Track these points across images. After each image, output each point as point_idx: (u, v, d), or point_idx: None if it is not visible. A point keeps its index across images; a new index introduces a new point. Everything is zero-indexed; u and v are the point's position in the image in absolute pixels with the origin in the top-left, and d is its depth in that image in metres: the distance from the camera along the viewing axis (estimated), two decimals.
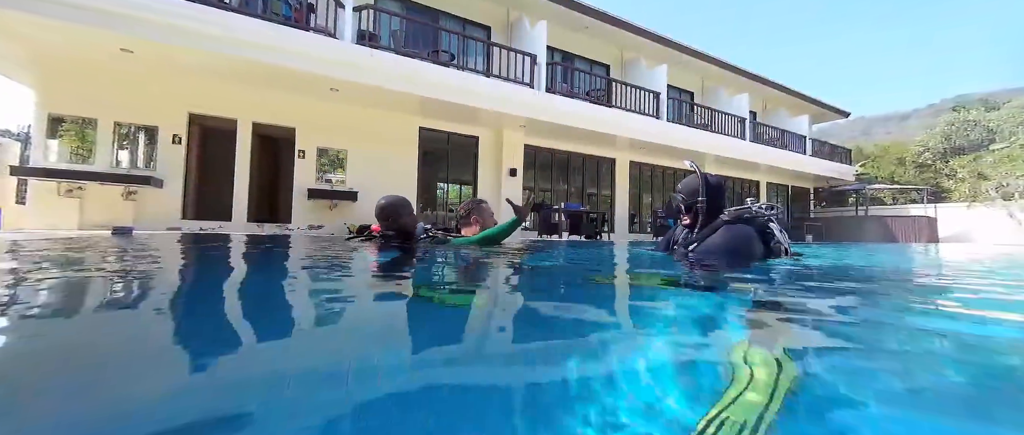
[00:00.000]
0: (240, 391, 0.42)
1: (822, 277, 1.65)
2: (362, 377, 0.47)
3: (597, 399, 0.42)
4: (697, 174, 2.32)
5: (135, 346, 0.60)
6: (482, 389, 0.45)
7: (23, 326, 0.68)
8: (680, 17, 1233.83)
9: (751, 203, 2.33)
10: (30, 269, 1.43)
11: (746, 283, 1.35)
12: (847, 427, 0.37)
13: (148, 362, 0.52)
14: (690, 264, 1.93)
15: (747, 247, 2.11)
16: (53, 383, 0.44)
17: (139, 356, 0.55)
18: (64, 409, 0.37)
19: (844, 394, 0.45)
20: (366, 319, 0.83)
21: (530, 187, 10.36)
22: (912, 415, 0.40)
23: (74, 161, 6.28)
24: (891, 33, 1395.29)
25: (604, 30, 10.60)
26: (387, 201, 2.75)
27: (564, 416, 0.37)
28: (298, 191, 7.59)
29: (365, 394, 0.42)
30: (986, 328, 0.83)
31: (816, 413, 0.40)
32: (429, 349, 0.61)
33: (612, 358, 0.57)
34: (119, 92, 6.45)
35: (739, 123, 12.52)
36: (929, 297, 1.30)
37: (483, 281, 1.42)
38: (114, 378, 0.46)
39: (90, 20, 5.02)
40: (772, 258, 2.15)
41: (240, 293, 1.16)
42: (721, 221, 2.21)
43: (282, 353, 0.57)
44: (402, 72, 6.99)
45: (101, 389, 0.43)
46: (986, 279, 1.90)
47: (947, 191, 19.53)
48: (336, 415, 0.36)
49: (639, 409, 0.39)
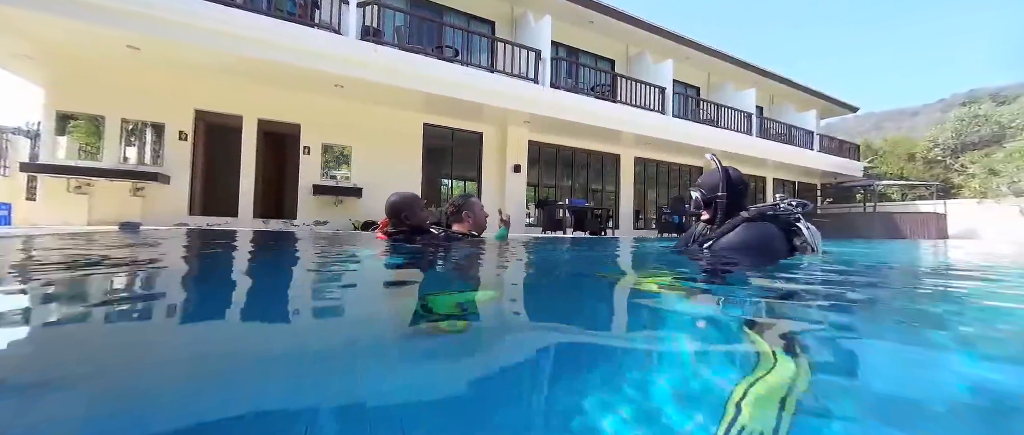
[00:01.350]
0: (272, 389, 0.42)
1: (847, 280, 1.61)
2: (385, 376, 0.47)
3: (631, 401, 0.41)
4: (718, 168, 2.23)
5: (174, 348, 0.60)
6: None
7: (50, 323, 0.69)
8: (686, 10, 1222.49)
9: (780, 199, 2.25)
10: (41, 265, 1.45)
11: (762, 281, 1.33)
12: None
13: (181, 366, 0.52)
14: (705, 263, 1.87)
15: (767, 245, 2.02)
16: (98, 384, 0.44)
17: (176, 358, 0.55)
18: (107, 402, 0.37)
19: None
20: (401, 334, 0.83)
21: (534, 183, 10.34)
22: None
23: (82, 158, 6.35)
24: (901, 27, 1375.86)
25: (609, 25, 10.52)
26: (399, 198, 2.60)
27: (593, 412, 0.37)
28: (303, 187, 7.63)
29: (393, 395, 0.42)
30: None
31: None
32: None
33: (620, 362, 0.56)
34: (126, 89, 6.49)
35: (746, 118, 12.41)
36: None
37: (507, 280, 1.42)
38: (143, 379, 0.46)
39: (97, 18, 5.05)
40: (797, 255, 2.06)
41: (254, 291, 1.16)
42: (741, 218, 2.11)
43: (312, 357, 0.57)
44: (406, 68, 6.98)
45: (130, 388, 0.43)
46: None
47: (957, 187, 19.31)
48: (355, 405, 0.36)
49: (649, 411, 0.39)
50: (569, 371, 0.51)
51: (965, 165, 19.84)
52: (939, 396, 0.44)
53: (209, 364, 0.50)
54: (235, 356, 0.54)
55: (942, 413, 0.40)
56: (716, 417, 0.35)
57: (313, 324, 0.74)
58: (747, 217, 2.11)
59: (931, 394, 0.45)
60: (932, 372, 0.52)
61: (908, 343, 0.67)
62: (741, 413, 0.36)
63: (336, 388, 0.43)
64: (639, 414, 0.37)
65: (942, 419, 0.39)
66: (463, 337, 0.65)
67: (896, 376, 0.51)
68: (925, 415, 0.39)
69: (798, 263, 1.81)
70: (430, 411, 0.38)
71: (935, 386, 0.47)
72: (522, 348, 0.60)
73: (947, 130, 21.97)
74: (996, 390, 0.47)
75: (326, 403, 0.39)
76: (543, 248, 3.03)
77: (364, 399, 0.40)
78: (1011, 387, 0.48)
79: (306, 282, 1.26)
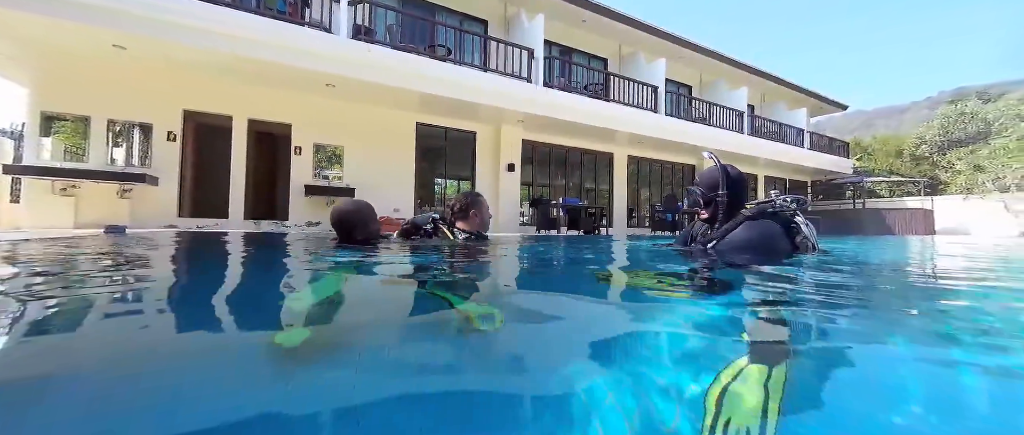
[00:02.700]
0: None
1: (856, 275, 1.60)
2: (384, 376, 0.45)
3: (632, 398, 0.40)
4: (717, 166, 2.19)
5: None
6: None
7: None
8: (681, 8, 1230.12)
9: (775, 195, 2.24)
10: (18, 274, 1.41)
11: (776, 281, 1.33)
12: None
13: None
14: (712, 261, 1.85)
15: (772, 243, 2.00)
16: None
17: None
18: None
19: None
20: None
21: (528, 182, 10.34)
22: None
23: (68, 159, 6.23)
24: (890, 25, 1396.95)
25: (602, 24, 10.53)
26: (347, 212, 2.22)
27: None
28: (295, 188, 7.55)
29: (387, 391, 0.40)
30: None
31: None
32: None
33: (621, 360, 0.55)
34: (113, 89, 6.38)
35: (737, 117, 12.50)
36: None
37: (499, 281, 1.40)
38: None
39: (80, 16, 4.96)
40: (799, 254, 2.04)
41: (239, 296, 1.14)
42: (743, 216, 2.09)
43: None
44: (398, 67, 6.94)
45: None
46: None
47: (944, 183, 19.62)
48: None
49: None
50: (569, 370, 0.49)
51: (952, 162, 20.16)
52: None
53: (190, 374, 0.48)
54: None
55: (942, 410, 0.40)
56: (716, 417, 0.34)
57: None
58: (748, 215, 2.09)
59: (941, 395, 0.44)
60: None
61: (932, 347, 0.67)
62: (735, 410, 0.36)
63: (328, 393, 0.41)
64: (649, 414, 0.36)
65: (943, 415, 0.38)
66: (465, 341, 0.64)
67: (916, 381, 0.50)
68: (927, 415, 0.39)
69: (807, 263, 1.79)
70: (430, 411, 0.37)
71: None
72: (519, 347, 0.58)
73: (934, 127, 22.29)
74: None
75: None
76: (538, 246, 3.02)
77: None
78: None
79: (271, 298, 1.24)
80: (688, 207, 2.34)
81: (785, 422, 0.36)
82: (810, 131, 15.38)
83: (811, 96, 16.05)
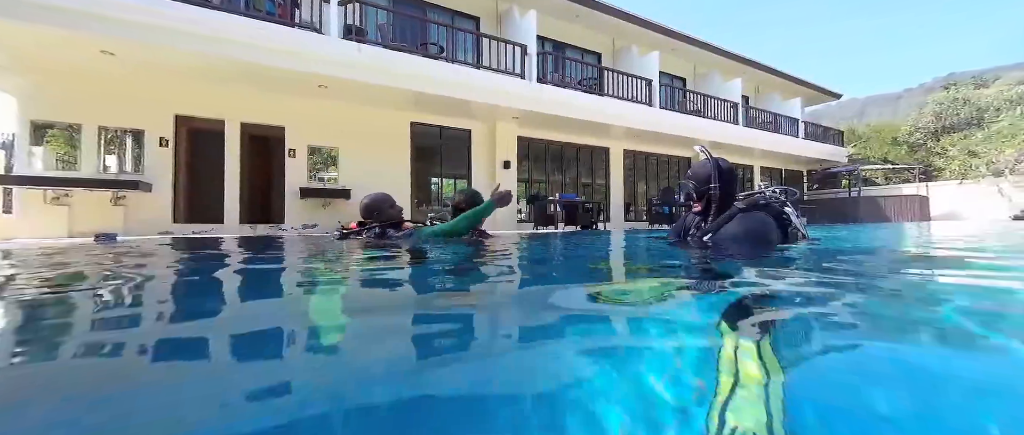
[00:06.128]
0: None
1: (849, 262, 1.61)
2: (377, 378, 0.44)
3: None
4: (708, 160, 2.24)
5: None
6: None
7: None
8: (670, 2, 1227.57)
9: (764, 187, 2.28)
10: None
11: (772, 271, 1.33)
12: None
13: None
14: (710, 253, 1.87)
15: (765, 234, 2.05)
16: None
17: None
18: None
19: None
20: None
21: (525, 179, 10.32)
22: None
23: (60, 168, 6.17)
24: (884, 12, 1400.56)
25: (595, 18, 10.50)
26: (370, 199, 3.10)
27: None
28: (290, 191, 7.52)
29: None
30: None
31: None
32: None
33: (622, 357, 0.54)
34: (103, 96, 6.32)
35: (732, 108, 12.50)
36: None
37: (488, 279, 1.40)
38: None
39: (67, 22, 4.90)
40: (789, 243, 2.11)
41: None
42: (736, 208, 2.14)
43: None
44: (391, 66, 6.90)
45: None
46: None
47: (938, 170, 19.71)
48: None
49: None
50: (567, 371, 0.49)
51: (945, 147, 20.25)
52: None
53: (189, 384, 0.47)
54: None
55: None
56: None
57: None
58: (742, 208, 2.13)
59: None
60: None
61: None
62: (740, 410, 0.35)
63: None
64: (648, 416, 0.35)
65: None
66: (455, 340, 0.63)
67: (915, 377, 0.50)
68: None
69: (798, 251, 1.82)
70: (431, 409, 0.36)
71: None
72: (516, 349, 0.57)
73: (928, 114, 22.36)
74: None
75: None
76: (537, 244, 3.01)
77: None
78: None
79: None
80: (682, 201, 2.38)
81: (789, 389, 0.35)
82: (805, 121, 15.42)
83: (805, 85, 16.07)
